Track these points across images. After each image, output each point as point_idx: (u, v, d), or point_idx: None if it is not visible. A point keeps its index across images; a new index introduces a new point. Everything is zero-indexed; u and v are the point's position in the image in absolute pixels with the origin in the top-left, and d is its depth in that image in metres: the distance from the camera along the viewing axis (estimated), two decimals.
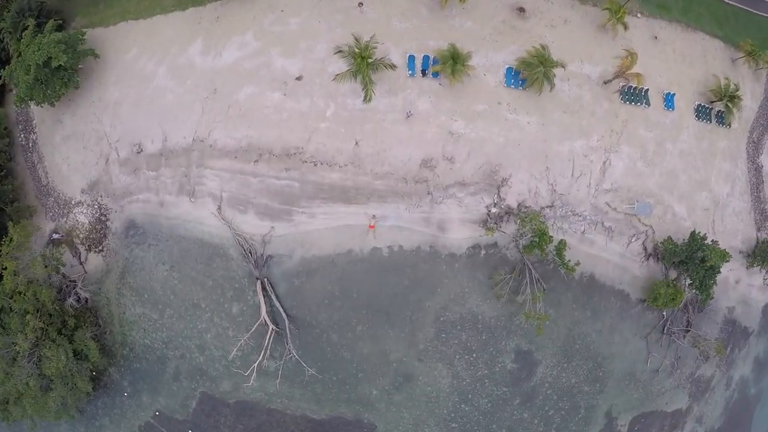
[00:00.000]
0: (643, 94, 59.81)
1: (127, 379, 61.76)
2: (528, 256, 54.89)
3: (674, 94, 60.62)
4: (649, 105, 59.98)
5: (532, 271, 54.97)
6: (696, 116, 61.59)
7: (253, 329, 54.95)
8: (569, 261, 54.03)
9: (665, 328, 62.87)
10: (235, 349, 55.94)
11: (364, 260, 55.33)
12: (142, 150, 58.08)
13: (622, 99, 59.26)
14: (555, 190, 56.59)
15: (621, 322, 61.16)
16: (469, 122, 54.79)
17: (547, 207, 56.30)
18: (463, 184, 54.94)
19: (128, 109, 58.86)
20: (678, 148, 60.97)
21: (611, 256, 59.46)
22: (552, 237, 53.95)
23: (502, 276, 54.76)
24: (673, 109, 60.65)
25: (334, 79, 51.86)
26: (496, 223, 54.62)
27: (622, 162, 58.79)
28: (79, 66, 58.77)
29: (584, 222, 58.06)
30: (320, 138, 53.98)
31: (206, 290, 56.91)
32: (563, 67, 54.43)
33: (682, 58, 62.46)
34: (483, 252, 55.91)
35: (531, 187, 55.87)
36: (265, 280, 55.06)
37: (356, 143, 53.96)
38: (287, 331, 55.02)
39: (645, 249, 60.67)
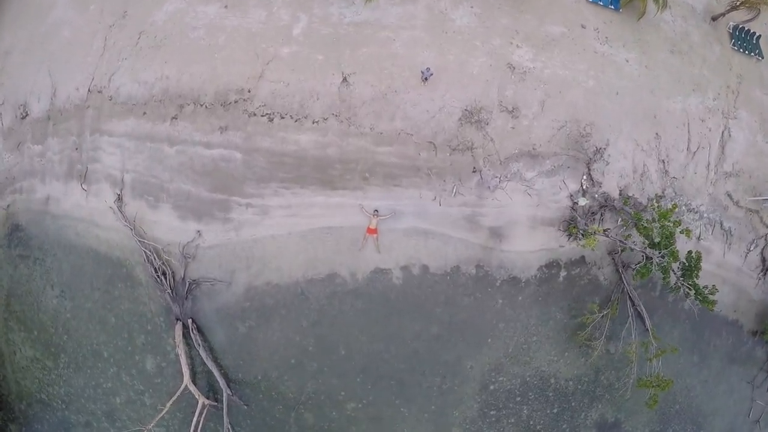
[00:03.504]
0: (754, 41, 28.19)
1: None
2: (631, 281, 22.94)
3: None
4: (762, 57, 28.39)
5: (638, 304, 23.01)
6: None
7: (172, 401, 22.22)
8: (705, 288, 22.32)
9: None
10: (150, 426, 23.79)
11: (358, 292, 21.24)
12: (27, 113, 25.90)
13: (733, 44, 27.91)
14: (667, 171, 24.47)
15: (729, 365, 28.81)
16: (540, 51, 21.74)
17: (656, 197, 24.50)
18: (534, 156, 21.25)
19: (18, 57, 26.68)
20: None
21: (727, 273, 26.92)
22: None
23: (595, 313, 21.94)
24: None
25: None
26: (588, 223, 21.40)
27: (743, 134, 26.73)
28: None
29: (701, 221, 26.17)
30: (281, 72, 20.74)
31: (108, 332, 24.24)
32: None
33: None
34: (563, 274, 22.19)
35: (637, 165, 23.03)
36: (190, 321, 21.86)
37: (344, 79, 20.45)
38: (225, 410, 21.90)
39: (764, 260, 29.05)
